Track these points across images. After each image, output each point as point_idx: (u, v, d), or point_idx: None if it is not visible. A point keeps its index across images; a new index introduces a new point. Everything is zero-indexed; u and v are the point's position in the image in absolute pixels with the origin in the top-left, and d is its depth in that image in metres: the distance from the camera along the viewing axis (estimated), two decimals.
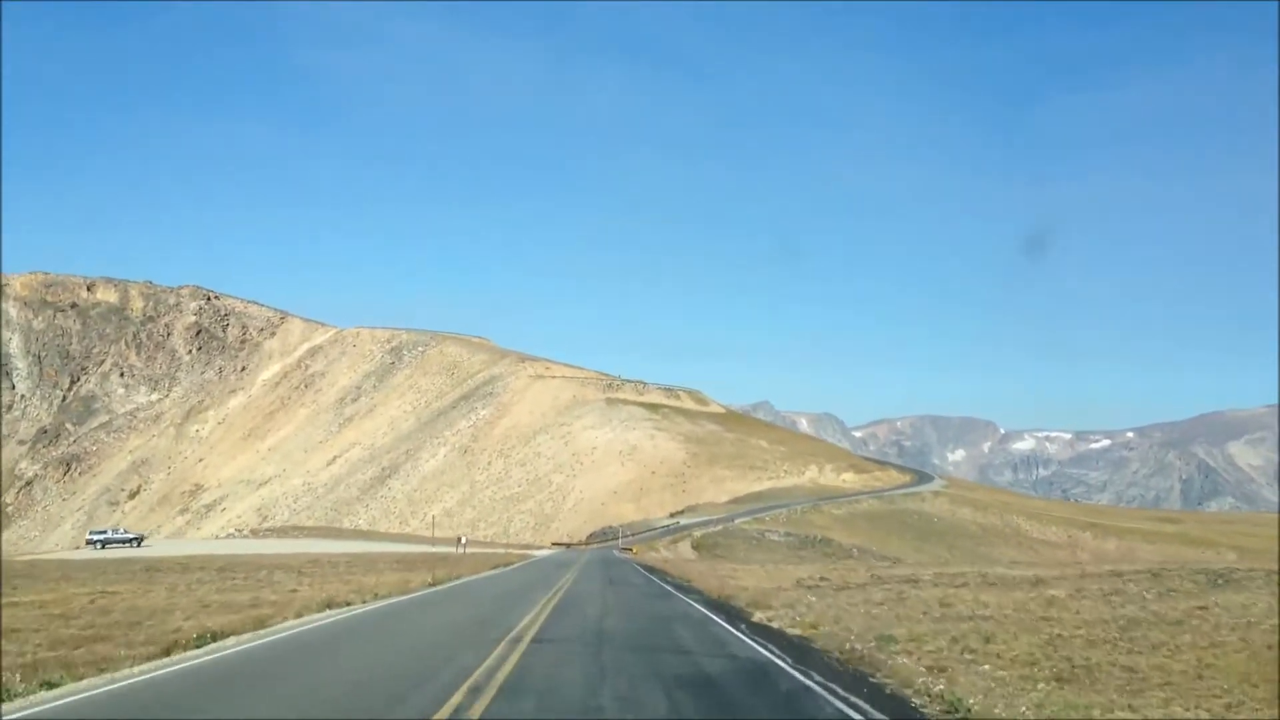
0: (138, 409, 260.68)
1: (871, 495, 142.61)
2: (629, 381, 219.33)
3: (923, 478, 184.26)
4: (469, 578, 42.78)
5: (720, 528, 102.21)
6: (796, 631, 19.72)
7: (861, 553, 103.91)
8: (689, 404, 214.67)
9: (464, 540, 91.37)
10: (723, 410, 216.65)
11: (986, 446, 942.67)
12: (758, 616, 22.77)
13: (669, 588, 34.69)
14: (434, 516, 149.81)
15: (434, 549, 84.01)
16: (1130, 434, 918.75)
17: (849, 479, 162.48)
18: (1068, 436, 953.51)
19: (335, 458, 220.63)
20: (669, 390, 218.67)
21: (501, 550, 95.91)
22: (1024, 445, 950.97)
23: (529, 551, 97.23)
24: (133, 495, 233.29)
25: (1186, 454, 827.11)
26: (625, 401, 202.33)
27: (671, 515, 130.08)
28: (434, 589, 34.02)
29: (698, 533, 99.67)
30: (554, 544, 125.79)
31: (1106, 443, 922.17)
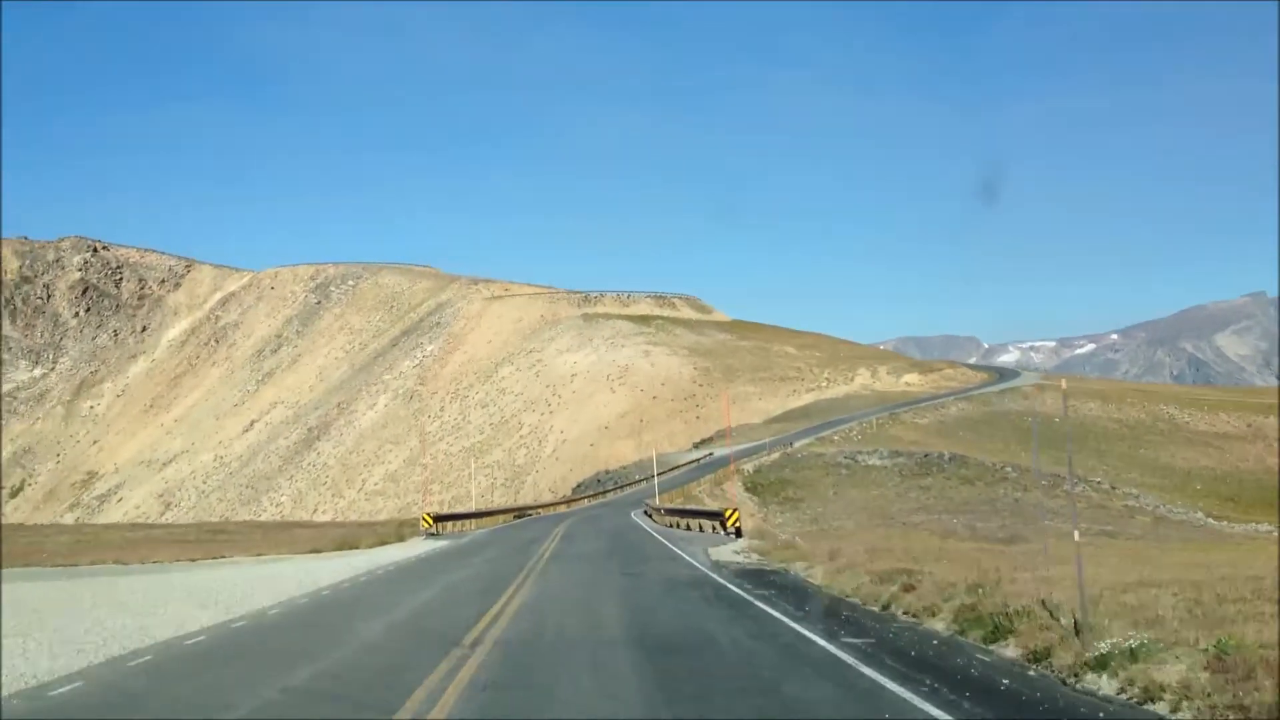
0: (17, 389, 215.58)
1: (956, 397, 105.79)
2: (608, 294, 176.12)
3: (1004, 373, 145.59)
4: None
5: (776, 455, 71.85)
6: None
7: (1019, 472, 65.78)
8: (688, 312, 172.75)
9: None
10: (728, 320, 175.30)
11: (972, 361, 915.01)
12: None
13: None
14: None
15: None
16: (1115, 336, 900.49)
17: (914, 381, 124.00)
18: (1051, 344, 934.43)
19: (253, 423, 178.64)
20: (660, 298, 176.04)
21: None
22: (1009, 358, 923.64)
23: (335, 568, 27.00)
24: (15, 493, 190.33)
25: (1175, 350, 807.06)
26: (607, 316, 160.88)
27: (696, 446, 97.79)
28: None
29: (748, 465, 67.90)
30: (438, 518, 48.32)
31: (1091, 347, 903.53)
